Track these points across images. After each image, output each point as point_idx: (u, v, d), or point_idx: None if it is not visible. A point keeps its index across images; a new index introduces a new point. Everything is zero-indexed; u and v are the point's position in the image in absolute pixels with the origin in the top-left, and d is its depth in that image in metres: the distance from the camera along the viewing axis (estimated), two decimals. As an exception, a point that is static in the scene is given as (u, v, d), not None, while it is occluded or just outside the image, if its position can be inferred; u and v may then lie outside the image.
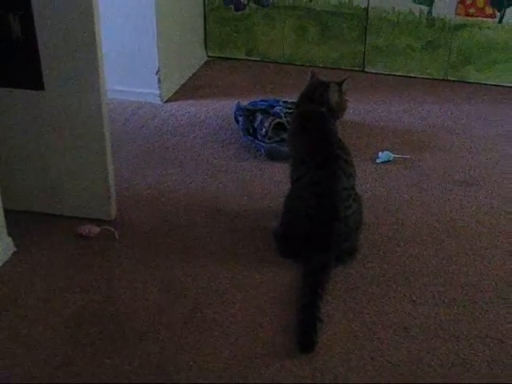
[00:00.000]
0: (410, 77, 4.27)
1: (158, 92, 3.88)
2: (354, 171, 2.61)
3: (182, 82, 4.15)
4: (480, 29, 4.07)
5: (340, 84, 2.76)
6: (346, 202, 2.50)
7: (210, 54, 4.53)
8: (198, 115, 3.77)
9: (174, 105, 3.90)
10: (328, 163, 2.54)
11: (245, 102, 3.60)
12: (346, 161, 2.57)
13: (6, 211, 2.60)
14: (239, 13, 4.39)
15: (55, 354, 2.17)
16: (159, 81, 3.85)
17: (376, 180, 3.15)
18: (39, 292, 2.43)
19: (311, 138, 2.63)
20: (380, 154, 3.32)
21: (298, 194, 2.59)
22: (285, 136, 3.25)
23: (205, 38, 4.49)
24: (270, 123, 3.33)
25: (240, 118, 3.49)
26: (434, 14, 4.10)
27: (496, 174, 3.22)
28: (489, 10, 4.03)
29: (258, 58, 4.47)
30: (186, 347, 2.20)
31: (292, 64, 4.42)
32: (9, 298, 2.41)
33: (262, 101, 3.59)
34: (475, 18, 4.05)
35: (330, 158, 2.55)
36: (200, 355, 2.17)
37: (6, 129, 2.71)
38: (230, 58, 4.50)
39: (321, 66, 4.35)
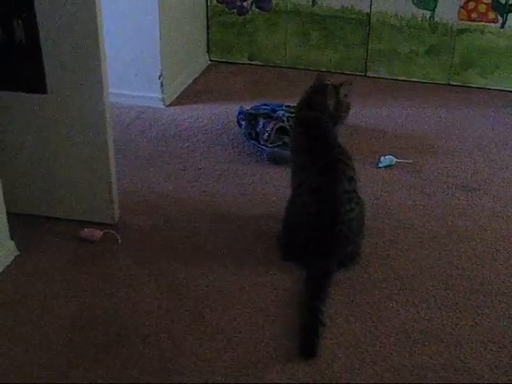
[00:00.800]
0: (413, 81, 4.27)
1: (160, 96, 3.88)
2: (356, 174, 2.61)
3: (184, 87, 4.15)
4: (482, 34, 4.07)
5: (337, 87, 2.71)
6: (348, 205, 2.50)
7: (212, 59, 4.54)
8: (200, 119, 3.77)
9: (177, 109, 3.90)
10: (329, 167, 2.54)
11: (247, 107, 3.61)
12: (346, 164, 2.57)
13: (9, 214, 2.60)
14: (242, 17, 4.40)
15: (56, 356, 2.17)
16: (162, 85, 3.86)
17: (378, 184, 3.15)
18: (41, 295, 2.43)
19: (311, 144, 2.63)
20: (382, 158, 3.32)
21: (299, 199, 2.58)
22: (287, 140, 3.25)
23: (207, 43, 4.50)
24: (273, 127, 3.33)
25: (242, 123, 3.50)
26: (436, 19, 4.10)
27: (499, 179, 3.21)
28: (491, 15, 4.03)
29: (261, 63, 4.48)
30: (187, 351, 2.19)
31: (294, 68, 4.42)
32: (11, 300, 2.41)
33: (264, 105, 3.59)
34: (478, 23, 4.06)
35: (331, 162, 2.55)
36: (201, 359, 2.16)
37: (8, 132, 2.72)
38: (233, 63, 4.50)
39: (323, 70, 4.35)
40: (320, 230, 2.49)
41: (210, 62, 4.52)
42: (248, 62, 4.49)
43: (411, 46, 4.21)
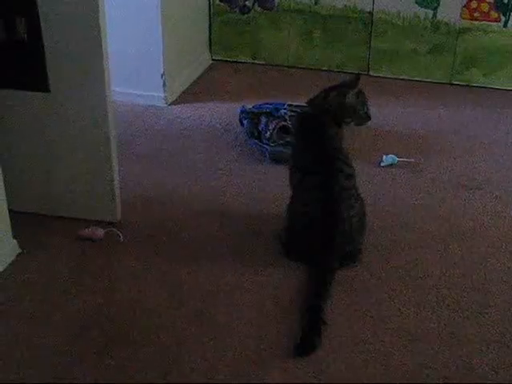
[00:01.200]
0: (415, 81, 4.27)
1: (162, 95, 3.89)
2: (354, 171, 2.60)
3: (186, 85, 4.16)
4: (485, 33, 4.07)
5: (344, 94, 2.65)
6: (348, 201, 2.50)
7: (214, 58, 4.54)
8: (202, 118, 3.77)
9: (179, 108, 3.90)
10: (326, 166, 2.54)
11: (249, 105, 3.60)
12: (344, 162, 2.57)
13: (12, 213, 2.60)
14: (244, 16, 4.40)
15: (58, 354, 2.17)
16: (164, 84, 3.86)
17: (380, 183, 3.15)
18: (43, 293, 2.44)
19: (308, 143, 2.63)
20: (384, 157, 3.32)
21: (299, 198, 2.59)
22: (289, 139, 3.25)
23: (210, 42, 4.50)
24: (275, 126, 3.33)
25: (245, 121, 3.50)
26: (438, 18, 4.10)
27: (500, 178, 3.21)
28: (494, 15, 4.03)
29: (263, 62, 4.48)
30: (188, 350, 2.19)
31: (297, 67, 4.42)
32: (13, 298, 2.41)
33: (266, 104, 3.59)
34: (480, 22, 4.05)
35: (328, 161, 2.55)
36: (204, 357, 2.16)
37: (11, 130, 2.72)
38: (235, 62, 4.50)
39: (325, 69, 4.36)
40: (321, 228, 2.49)
41: (212, 61, 4.52)
42: (250, 60, 4.49)
43: (413, 45, 4.21)
